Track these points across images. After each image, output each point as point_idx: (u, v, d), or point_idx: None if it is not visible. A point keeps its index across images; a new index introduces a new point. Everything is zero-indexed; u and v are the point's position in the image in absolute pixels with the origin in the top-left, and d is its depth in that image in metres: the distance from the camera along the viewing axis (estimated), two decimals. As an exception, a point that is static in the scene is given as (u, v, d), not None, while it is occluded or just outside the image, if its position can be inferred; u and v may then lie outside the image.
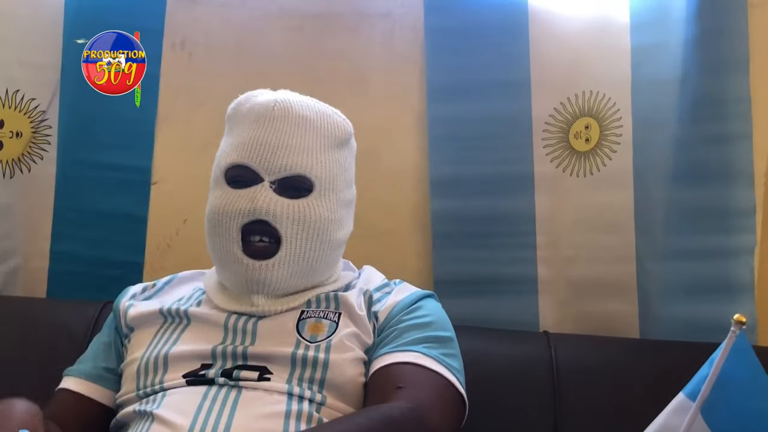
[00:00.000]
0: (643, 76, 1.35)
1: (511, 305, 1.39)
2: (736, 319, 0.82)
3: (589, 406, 1.17)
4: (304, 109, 1.01)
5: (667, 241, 1.33)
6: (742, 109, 1.29)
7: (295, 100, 1.02)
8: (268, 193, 0.96)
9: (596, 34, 1.37)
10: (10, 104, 1.39)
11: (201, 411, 0.87)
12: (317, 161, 0.99)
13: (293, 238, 0.96)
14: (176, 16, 1.45)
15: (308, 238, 0.98)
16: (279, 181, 0.97)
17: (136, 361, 0.97)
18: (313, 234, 0.98)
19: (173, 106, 1.47)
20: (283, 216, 0.95)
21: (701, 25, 1.27)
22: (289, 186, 0.98)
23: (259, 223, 0.95)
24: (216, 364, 0.93)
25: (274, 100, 1.00)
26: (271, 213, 0.95)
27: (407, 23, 1.44)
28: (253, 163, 0.97)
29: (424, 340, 0.96)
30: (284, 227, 0.96)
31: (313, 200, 0.98)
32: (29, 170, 1.45)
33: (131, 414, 0.92)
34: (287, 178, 0.97)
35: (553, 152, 1.40)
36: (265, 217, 0.95)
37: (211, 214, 0.99)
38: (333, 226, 1.01)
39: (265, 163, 0.97)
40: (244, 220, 0.95)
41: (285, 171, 0.97)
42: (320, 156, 1.00)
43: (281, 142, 0.98)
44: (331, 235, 1.01)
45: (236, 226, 0.96)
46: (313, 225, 0.98)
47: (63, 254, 1.46)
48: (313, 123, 1.01)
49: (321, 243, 0.99)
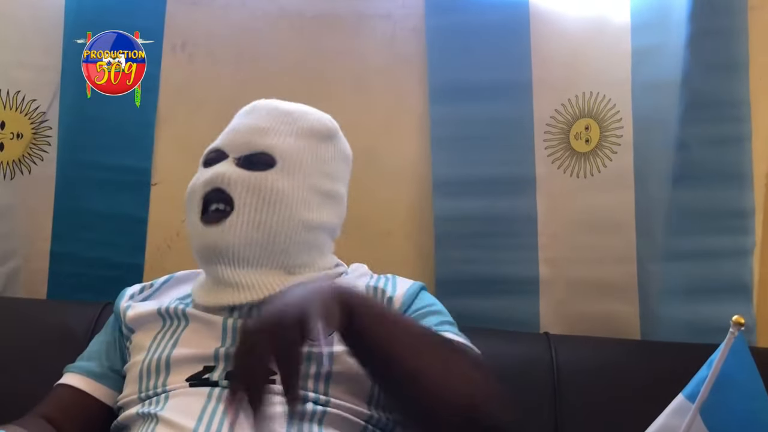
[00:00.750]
0: (644, 77, 1.35)
1: (513, 306, 1.39)
2: (734, 320, 0.83)
3: (589, 407, 1.18)
4: (286, 104, 1.06)
5: (667, 242, 1.33)
6: (741, 111, 1.29)
7: (281, 101, 1.06)
8: (229, 166, 0.98)
9: (597, 34, 1.38)
10: (11, 105, 1.40)
11: (206, 412, 0.86)
12: (284, 142, 1.00)
13: (246, 205, 0.96)
14: (176, 18, 1.46)
15: (264, 208, 0.96)
16: (243, 157, 0.99)
17: (138, 364, 0.97)
18: (269, 205, 0.97)
19: (173, 107, 1.47)
20: (237, 184, 0.96)
21: (701, 26, 1.27)
22: (251, 162, 0.99)
23: (216, 191, 0.97)
24: (219, 366, 0.93)
25: (263, 100, 1.06)
26: (226, 181, 0.96)
27: (408, 24, 1.44)
28: (223, 145, 1.01)
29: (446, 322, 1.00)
30: (237, 193, 0.96)
31: (272, 174, 0.98)
32: (30, 171, 1.45)
33: (134, 416, 0.92)
34: (251, 155, 0.99)
35: (554, 153, 1.41)
36: (220, 185, 0.96)
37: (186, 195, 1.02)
38: (298, 204, 0.99)
39: (232, 143, 1.00)
40: (205, 190, 0.97)
41: (248, 149, 0.99)
42: (289, 138, 1.01)
43: (250, 125, 1.02)
44: (295, 212, 0.98)
45: (198, 198, 0.98)
46: (269, 196, 0.97)
47: (63, 255, 1.46)
48: (290, 113, 1.04)
49: (281, 217, 0.97)
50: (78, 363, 1.03)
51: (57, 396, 0.99)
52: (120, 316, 1.05)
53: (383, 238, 1.44)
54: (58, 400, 0.98)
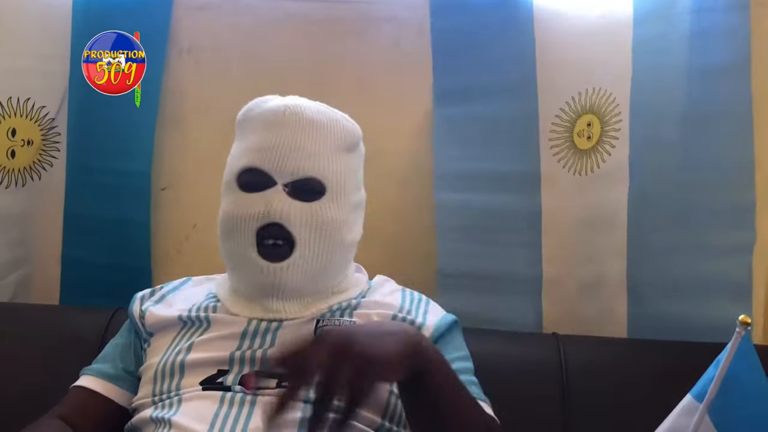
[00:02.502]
0: (644, 72, 1.35)
1: (516, 303, 1.39)
2: (741, 320, 0.83)
3: (598, 407, 1.18)
4: (314, 113, 1.02)
5: (664, 238, 1.33)
6: (742, 107, 1.29)
7: (305, 105, 1.02)
8: (281, 197, 0.96)
9: (601, 30, 1.38)
10: (22, 112, 1.40)
11: (218, 418, 0.87)
12: (328, 165, 1.00)
13: (306, 240, 0.97)
14: (183, 23, 1.46)
15: (321, 241, 0.98)
16: (291, 184, 0.98)
17: (153, 366, 0.98)
18: (326, 236, 0.99)
19: (181, 111, 1.47)
20: (296, 219, 0.96)
21: (703, 22, 1.28)
22: (302, 189, 0.98)
23: (273, 226, 0.96)
24: (233, 370, 0.94)
25: (284, 105, 1.01)
26: (285, 216, 0.96)
27: (412, 27, 1.44)
28: (266, 166, 0.98)
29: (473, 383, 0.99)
30: (297, 230, 0.96)
31: (325, 203, 0.99)
32: (40, 178, 1.46)
33: (147, 420, 0.93)
34: (299, 180, 0.98)
35: (560, 152, 1.41)
36: (279, 221, 0.96)
37: (224, 219, 1.00)
38: (344, 228, 1.01)
39: (277, 167, 0.97)
40: (258, 224, 0.96)
41: (297, 174, 0.98)
42: (331, 159, 1.01)
43: (293, 145, 0.98)
44: (342, 237, 1.01)
45: (251, 230, 0.96)
46: (326, 228, 0.98)
47: (74, 261, 1.46)
48: (324, 127, 1.02)
49: (333, 245, 1.00)
50: (93, 365, 1.05)
51: (73, 397, 1.00)
52: (135, 319, 1.06)
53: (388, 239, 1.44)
54: (73, 401, 0.99)
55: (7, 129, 1.40)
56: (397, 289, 1.11)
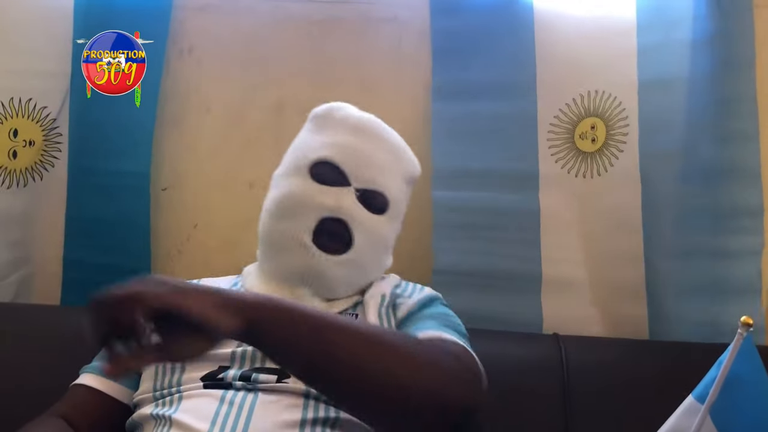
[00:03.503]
0: (650, 76, 1.35)
1: (513, 302, 1.39)
2: (743, 321, 0.83)
3: (599, 408, 1.18)
4: (392, 135, 1.08)
5: (675, 241, 1.33)
6: (748, 109, 1.30)
7: (383, 124, 1.08)
8: (352, 198, 1.00)
9: (602, 34, 1.38)
10: (23, 113, 1.41)
11: (218, 416, 0.87)
12: (395, 186, 1.06)
13: (362, 246, 1.01)
14: (185, 23, 1.47)
15: (372, 252, 1.03)
16: (363, 191, 1.02)
17: None
18: (376, 250, 1.04)
19: (182, 112, 1.48)
20: (361, 224, 1.00)
21: (707, 25, 1.28)
22: (369, 199, 1.02)
23: (337, 222, 0.99)
24: (234, 366, 0.94)
25: (368, 117, 1.07)
26: (353, 217, 0.99)
27: (413, 27, 1.45)
28: (345, 165, 1.02)
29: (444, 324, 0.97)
30: (359, 233, 1.00)
31: (385, 219, 1.04)
32: (41, 178, 1.45)
33: (147, 417, 0.93)
34: (371, 191, 1.02)
35: (558, 153, 1.41)
36: (346, 218, 0.99)
37: (285, 200, 1.02)
38: (388, 249, 1.07)
39: (355, 170, 1.01)
40: (325, 214, 0.99)
41: (371, 184, 1.02)
42: (397, 182, 1.07)
43: (373, 156, 1.03)
44: (385, 257, 1.07)
45: (315, 216, 0.99)
46: (380, 243, 1.04)
47: (76, 261, 1.46)
48: (398, 151, 1.08)
49: (376, 261, 1.05)
50: (93, 363, 1.05)
51: (72, 395, 1.01)
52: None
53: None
54: (73, 399, 1.00)
55: (8, 129, 1.40)
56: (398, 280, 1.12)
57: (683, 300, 1.32)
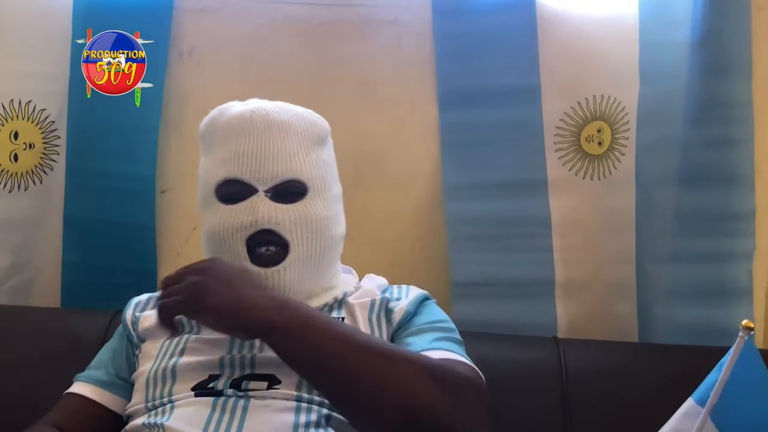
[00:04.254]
0: (649, 78, 1.35)
1: (528, 309, 1.39)
2: (744, 324, 0.83)
3: (598, 410, 1.18)
4: (281, 114, 1.01)
5: (668, 244, 1.33)
6: (744, 113, 1.29)
7: (269, 107, 1.01)
8: (265, 202, 0.96)
9: (606, 37, 1.38)
10: (23, 115, 1.40)
11: (211, 422, 0.87)
12: (305, 163, 1.00)
13: (299, 241, 0.97)
14: (184, 26, 1.46)
15: (313, 240, 0.98)
16: (273, 188, 0.97)
17: (146, 373, 0.97)
18: (317, 234, 0.99)
19: (182, 114, 1.47)
20: (285, 222, 0.96)
21: (704, 27, 1.27)
22: (284, 192, 0.98)
23: (263, 233, 0.96)
24: (224, 374, 0.94)
25: (249, 110, 0.99)
26: (274, 221, 0.96)
27: (414, 29, 1.45)
28: (244, 175, 0.97)
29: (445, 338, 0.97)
30: (289, 233, 0.96)
31: (309, 202, 0.99)
32: (41, 181, 1.45)
33: (140, 427, 0.92)
34: (280, 184, 0.98)
35: (565, 156, 1.41)
36: (268, 226, 0.95)
37: (210, 235, 0.99)
38: (331, 223, 1.02)
39: (256, 174, 0.97)
40: (247, 233, 0.95)
41: (277, 178, 0.97)
42: (306, 157, 1.00)
43: (267, 150, 0.97)
44: (331, 232, 1.02)
45: (241, 241, 0.95)
46: (315, 226, 0.99)
47: (75, 264, 1.46)
48: (293, 126, 1.01)
49: (324, 242, 1.00)
50: (86, 372, 1.05)
51: (65, 404, 1.00)
52: (127, 325, 1.06)
53: (394, 243, 1.45)
54: (66, 408, 0.99)
55: (9, 132, 1.40)
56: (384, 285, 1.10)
57: (674, 303, 1.32)
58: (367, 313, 1.01)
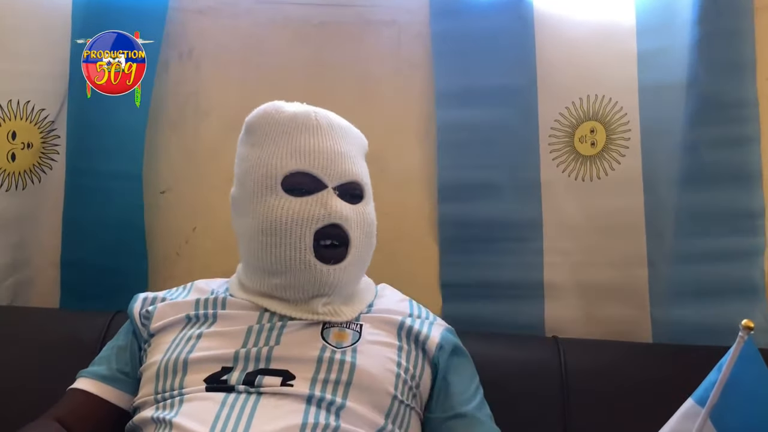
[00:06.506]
0: (650, 80, 1.35)
1: (518, 310, 1.39)
2: (744, 324, 0.82)
3: (598, 410, 1.18)
4: (338, 119, 1.06)
5: (677, 244, 1.33)
6: (749, 112, 1.30)
7: (325, 111, 1.05)
8: (336, 199, 0.98)
9: (602, 38, 1.38)
10: (22, 115, 1.40)
11: (219, 419, 0.87)
12: (361, 168, 1.05)
13: (358, 241, 1.00)
14: (183, 27, 1.47)
15: (367, 242, 1.03)
16: (340, 187, 1.00)
17: (156, 364, 0.97)
18: (370, 238, 1.03)
19: (182, 114, 1.47)
20: (352, 220, 0.99)
21: (707, 28, 1.28)
22: (347, 192, 1.01)
23: (331, 227, 0.97)
24: (238, 367, 0.94)
25: (312, 110, 1.03)
26: (344, 217, 0.98)
27: (412, 30, 1.45)
28: (315, 170, 0.99)
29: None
30: (353, 231, 0.99)
31: (365, 205, 1.03)
32: (39, 181, 1.45)
33: (148, 420, 0.93)
34: (345, 184, 1.01)
35: (559, 156, 1.41)
36: (338, 221, 0.97)
37: (275, 224, 0.97)
38: (375, 229, 1.06)
39: (327, 170, 0.99)
40: (318, 225, 0.96)
41: (344, 177, 1.00)
42: (361, 164, 1.06)
43: (336, 149, 1.01)
44: (375, 240, 1.06)
45: (310, 233, 0.96)
46: (369, 228, 1.03)
47: (74, 264, 1.46)
48: (350, 132, 1.06)
49: (371, 247, 1.05)
50: (89, 368, 1.05)
51: (68, 399, 1.01)
52: (135, 320, 1.06)
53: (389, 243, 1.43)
54: (69, 404, 1.00)
55: (7, 132, 1.40)
56: (405, 298, 1.13)
57: (685, 302, 1.31)
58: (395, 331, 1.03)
